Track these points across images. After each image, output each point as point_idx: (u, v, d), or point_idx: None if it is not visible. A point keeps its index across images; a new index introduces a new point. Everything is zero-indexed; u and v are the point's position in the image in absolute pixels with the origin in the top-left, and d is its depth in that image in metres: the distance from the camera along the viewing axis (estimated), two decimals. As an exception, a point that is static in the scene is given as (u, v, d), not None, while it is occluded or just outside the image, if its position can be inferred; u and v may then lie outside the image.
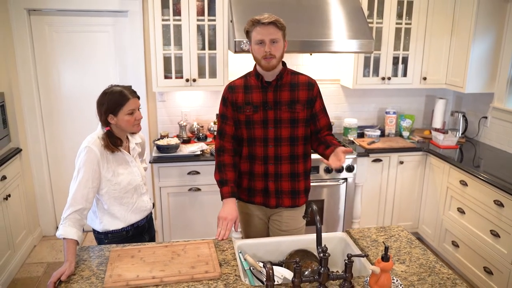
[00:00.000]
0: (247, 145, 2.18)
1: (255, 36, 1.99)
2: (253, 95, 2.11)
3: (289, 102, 2.10)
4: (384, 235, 2.08)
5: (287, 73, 2.13)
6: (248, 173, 2.22)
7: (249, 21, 2.01)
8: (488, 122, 3.75)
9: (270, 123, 2.11)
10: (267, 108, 2.10)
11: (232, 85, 2.18)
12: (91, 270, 1.74)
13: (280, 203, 2.22)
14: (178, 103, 3.81)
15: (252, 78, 2.14)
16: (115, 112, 1.95)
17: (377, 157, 3.60)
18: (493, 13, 3.44)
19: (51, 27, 3.55)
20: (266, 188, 2.20)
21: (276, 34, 1.98)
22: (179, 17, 3.30)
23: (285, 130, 2.12)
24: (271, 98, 2.10)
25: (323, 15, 3.31)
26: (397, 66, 3.77)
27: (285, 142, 2.13)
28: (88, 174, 1.91)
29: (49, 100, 3.71)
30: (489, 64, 3.56)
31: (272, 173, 2.17)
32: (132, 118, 1.97)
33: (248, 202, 2.28)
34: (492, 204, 2.89)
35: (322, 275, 1.58)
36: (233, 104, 2.15)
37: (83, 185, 1.89)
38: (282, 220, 2.25)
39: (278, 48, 2.00)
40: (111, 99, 1.94)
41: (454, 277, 1.73)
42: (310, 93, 2.12)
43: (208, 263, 1.77)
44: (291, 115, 2.10)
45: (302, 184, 2.22)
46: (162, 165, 3.28)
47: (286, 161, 2.16)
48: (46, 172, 3.81)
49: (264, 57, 1.99)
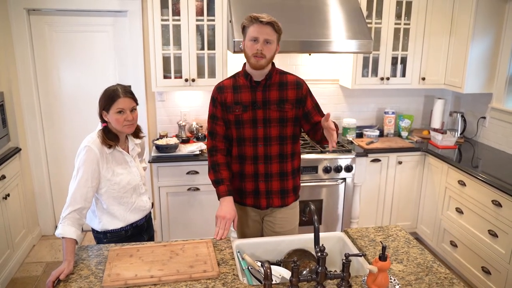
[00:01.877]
0: (237, 145, 2.18)
1: (251, 32, 2.01)
2: (242, 94, 2.12)
3: (278, 101, 2.11)
4: (382, 234, 2.09)
5: (276, 73, 2.14)
6: (239, 174, 2.22)
7: (248, 17, 2.02)
8: (487, 122, 3.76)
9: (259, 123, 2.12)
10: (256, 107, 2.11)
11: (221, 86, 2.19)
12: (89, 269, 1.75)
13: (271, 203, 2.22)
14: (177, 103, 3.82)
15: (241, 78, 2.15)
16: (107, 109, 1.95)
17: (375, 157, 3.60)
18: (491, 13, 3.45)
19: (50, 27, 3.56)
20: (256, 189, 2.21)
21: (271, 35, 2.00)
22: (178, 17, 3.30)
23: (274, 129, 2.13)
24: (260, 97, 2.11)
25: (322, 16, 3.32)
26: (396, 66, 3.78)
27: (274, 141, 2.15)
28: (88, 174, 1.92)
29: (49, 100, 3.72)
30: (488, 64, 3.57)
31: (262, 173, 2.18)
32: (121, 118, 1.95)
33: (240, 204, 2.27)
34: (490, 204, 2.90)
35: (319, 274, 1.59)
36: (222, 104, 2.16)
37: (83, 185, 1.90)
38: (275, 221, 2.26)
39: (270, 50, 2.02)
40: (105, 95, 1.97)
41: (451, 276, 1.74)
42: (299, 92, 2.14)
43: (207, 262, 1.77)
44: (280, 114, 2.12)
45: (291, 183, 2.23)
46: (161, 164, 3.29)
47: (276, 160, 2.17)
48: (46, 171, 3.82)
49: (254, 55, 2.00)
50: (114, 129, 2.00)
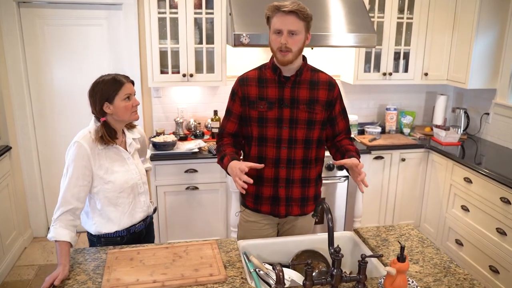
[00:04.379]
0: (257, 145, 1.98)
1: (274, 24, 1.83)
2: (268, 89, 1.93)
3: (308, 101, 1.93)
4: (394, 234, 1.99)
5: (307, 69, 1.97)
6: (256, 177, 1.96)
7: (270, 6, 1.84)
8: (490, 119, 3.69)
9: (285, 123, 1.93)
10: (283, 105, 1.92)
11: (245, 77, 1.99)
12: (87, 274, 1.63)
13: (290, 212, 2.04)
14: (174, 99, 3.70)
15: (268, 71, 1.95)
16: (111, 99, 1.81)
17: (378, 154, 3.52)
18: (496, 8, 3.38)
19: (42, 20, 3.42)
20: (275, 195, 2.01)
21: (296, 25, 1.80)
22: (176, 10, 3.19)
23: (301, 132, 1.95)
24: (288, 95, 1.92)
25: (325, 9, 3.22)
26: (398, 61, 3.70)
27: (299, 145, 1.96)
28: (78, 171, 1.78)
29: (41, 96, 3.58)
30: (492, 60, 3.50)
31: (283, 178, 1.99)
32: (129, 104, 1.84)
33: (254, 211, 2.08)
34: (498, 201, 2.83)
35: (335, 277, 1.49)
36: (243, 99, 1.97)
37: (73, 184, 1.77)
38: (294, 231, 2.10)
39: (297, 41, 1.82)
40: (106, 85, 1.82)
41: (470, 277, 1.65)
42: (330, 94, 1.96)
43: (212, 265, 1.66)
44: (309, 116, 1.93)
45: (312, 191, 2.06)
46: (159, 163, 3.17)
47: (299, 166, 1.99)
48: (37, 171, 3.68)
49: (279, 49, 1.82)
50: (113, 123, 1.88)
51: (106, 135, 1.82)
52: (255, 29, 2.98)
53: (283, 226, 2.13)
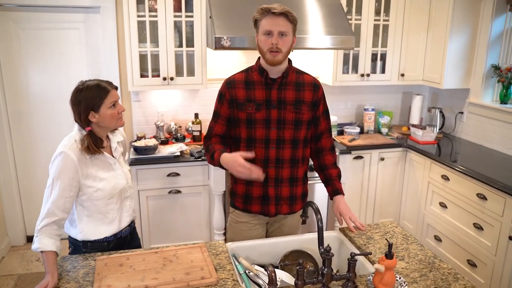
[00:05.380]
0: (246, 146, 2.01)
1: (263, 25, 1.87)
2: (255, 91, 1.97)
3: (295, 102, 1.98)
4: (378, 232, 2.04)
5: (293, 71, 2.01)
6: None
7: (259, 9, 1.88)
8: (464, 117, 3.81)
9: (273, 123, 1.97)
10: (270, 107, 1.96)
11: (232, 80, 2.03)
12: (76, 282, 1.60)
13: (279, 210, 2.09)
14: (154, 103, 3.67)
15: (255, 73, 2.00)
16: (96, 107, 1.77)
17: (358, 154, 3.58)
18: (468, 10, 3.50)
19: (16, 23, 3.34)
20: (265, 195, 2.05)
21: (285, 27, 1.85)
22: (155, 13, 3.17)
23: (288, 132, 1.99)
24: (275, 96, 1.96)
25: (303, 12, 3.27)
26: (375, 62, 3.78)
27: (287, 144, 2.01)
28: (65, 183, 1.74)
29: (16, 100, 3.49)
30: (465, 60, 3.62)
31: (272, 177, 2.03)
32: (115, 111, 1.82)
33: (244, 211, 2.11)
34: (475, 198, 2.92)
35: (325, 276, 1.52)
36: (231, 102, 2.00)
37: (59, 195, 1.73)
38: (284, 230, 2.14)
39: (286, 42, 1.87)
40: (89, 94, 1.77)
41: (454, 272, 1.70)
42: (315, 95, 2.02)
43: (203, 268, 1.67)
44: (296, 116, 1.98)
45: (300, 189, 2.12)
46: (140, 167, 3.14)
47: (287, 165, 2.03)
48: (14, 177, 3.58)
49: (270, 50, 1.86)
50: (98, 131, 1.85)
51: (92, 145, 1.78)
52: (236, 32, 3.00)
53: (272, 225, 2.16)
